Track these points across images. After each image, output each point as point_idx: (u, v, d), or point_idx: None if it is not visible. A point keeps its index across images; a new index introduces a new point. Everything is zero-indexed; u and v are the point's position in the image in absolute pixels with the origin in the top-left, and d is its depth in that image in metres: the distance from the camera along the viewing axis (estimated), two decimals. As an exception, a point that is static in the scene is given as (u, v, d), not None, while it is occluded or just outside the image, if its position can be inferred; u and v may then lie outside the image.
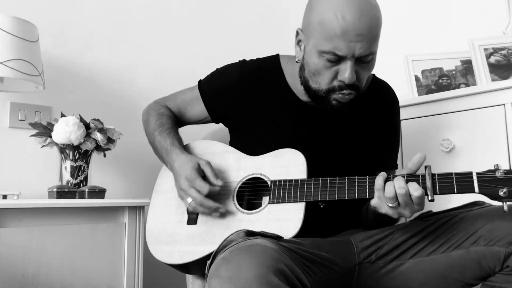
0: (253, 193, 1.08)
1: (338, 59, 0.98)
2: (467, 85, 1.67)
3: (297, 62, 1.09)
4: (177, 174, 1.08)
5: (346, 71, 0.97)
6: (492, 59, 1.57)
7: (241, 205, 1.06)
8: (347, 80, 0.98)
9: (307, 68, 1.05)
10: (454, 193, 0.88)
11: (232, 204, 1.06)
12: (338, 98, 1.02)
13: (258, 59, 1.21)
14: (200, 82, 1.24)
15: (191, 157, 1.09)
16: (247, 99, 1.16)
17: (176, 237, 1.08)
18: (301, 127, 1.13)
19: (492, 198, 0.86)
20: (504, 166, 1.30)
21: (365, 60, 0.99)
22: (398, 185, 0.87)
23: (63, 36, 1.66)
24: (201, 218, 1.08)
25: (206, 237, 1.04)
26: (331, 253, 0.96)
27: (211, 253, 0.88)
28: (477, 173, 0.87)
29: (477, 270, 0.93)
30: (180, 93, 1.27)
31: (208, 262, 0.85)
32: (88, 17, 1.73)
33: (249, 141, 1.15)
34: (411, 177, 0.90)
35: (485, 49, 1.58)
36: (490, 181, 0.85)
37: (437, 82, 1.71)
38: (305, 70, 1.06)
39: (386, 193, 0.88)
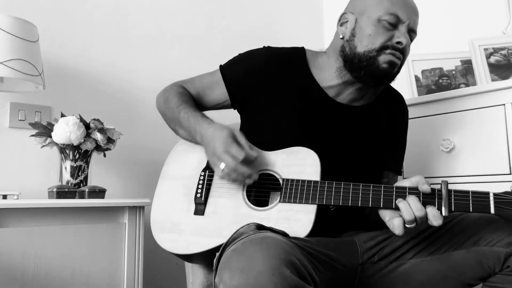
0: (261, 189, 1.07)
1: (395, 24, 1.07)
2: (467, 85, 1.67)
3: (341, 38, 1.13)
4: (211, 140, 1.05)
5: (403, 34, 1.07)
6: (492, 59, 1.57)
7: (248, 200, 1.05)
8: (404, 40, 1.06)
9: (358, 38, 1.10)
10: (470, 211, 0.87)
11: (242, 199, 1.04)
12: (389, 57, 1.07)
13: (283, 47, 1.21)
14: (221, 66, 1.22)
15: (225, 126, 1.07)
16: (270, 83, 1.15)
17: (182, 226, 1.07)
18: (317, 116, 1.13)
19: (507, 220, 0.86)
20: (504, 167, 1.30)
21: (412, 34, 1.10)
22: (415, 207, 0.88)
23: (63, 36, 1.66)
24: (208, 210, 1.06)
25: (214, 229, 1.03)
26: (336, 252, 0.96)
27: (217, 246, 0.87)
28: (494, 194, 0.86)
29: (478, 270, 0.93)
30: (198, 77, 1.25)
31: (217, 254, 0.83)
32: (88, 17, 1.73)
33: (263, 125, 1.15)
34: (427, 197, 0.89)
35: (485, 49, 1.58)
36: (507, 203, 0.85)
37: (437, 82, 1.71)
38: (351, 41, 1.11)
39: (406, 215, 0.88)
